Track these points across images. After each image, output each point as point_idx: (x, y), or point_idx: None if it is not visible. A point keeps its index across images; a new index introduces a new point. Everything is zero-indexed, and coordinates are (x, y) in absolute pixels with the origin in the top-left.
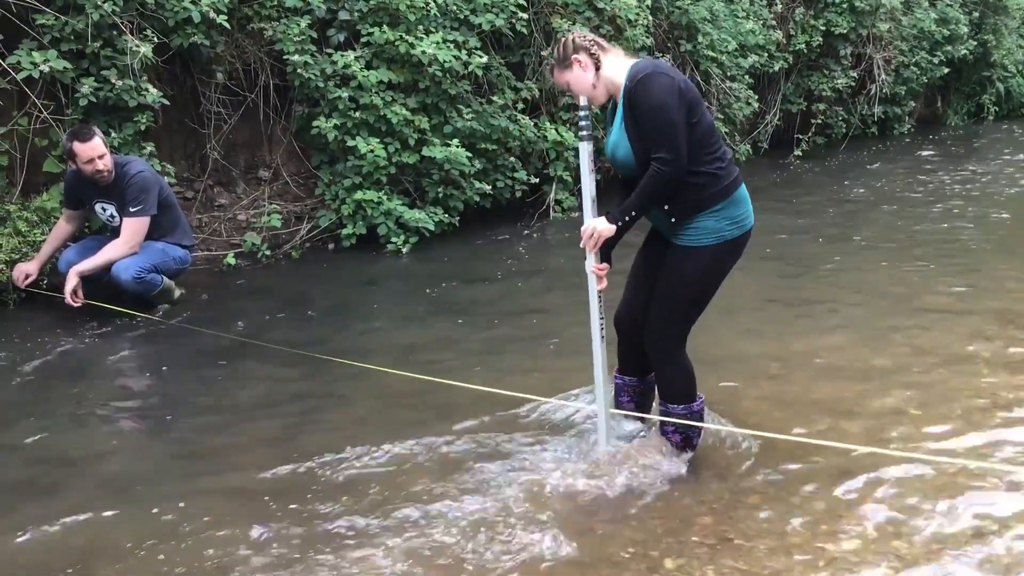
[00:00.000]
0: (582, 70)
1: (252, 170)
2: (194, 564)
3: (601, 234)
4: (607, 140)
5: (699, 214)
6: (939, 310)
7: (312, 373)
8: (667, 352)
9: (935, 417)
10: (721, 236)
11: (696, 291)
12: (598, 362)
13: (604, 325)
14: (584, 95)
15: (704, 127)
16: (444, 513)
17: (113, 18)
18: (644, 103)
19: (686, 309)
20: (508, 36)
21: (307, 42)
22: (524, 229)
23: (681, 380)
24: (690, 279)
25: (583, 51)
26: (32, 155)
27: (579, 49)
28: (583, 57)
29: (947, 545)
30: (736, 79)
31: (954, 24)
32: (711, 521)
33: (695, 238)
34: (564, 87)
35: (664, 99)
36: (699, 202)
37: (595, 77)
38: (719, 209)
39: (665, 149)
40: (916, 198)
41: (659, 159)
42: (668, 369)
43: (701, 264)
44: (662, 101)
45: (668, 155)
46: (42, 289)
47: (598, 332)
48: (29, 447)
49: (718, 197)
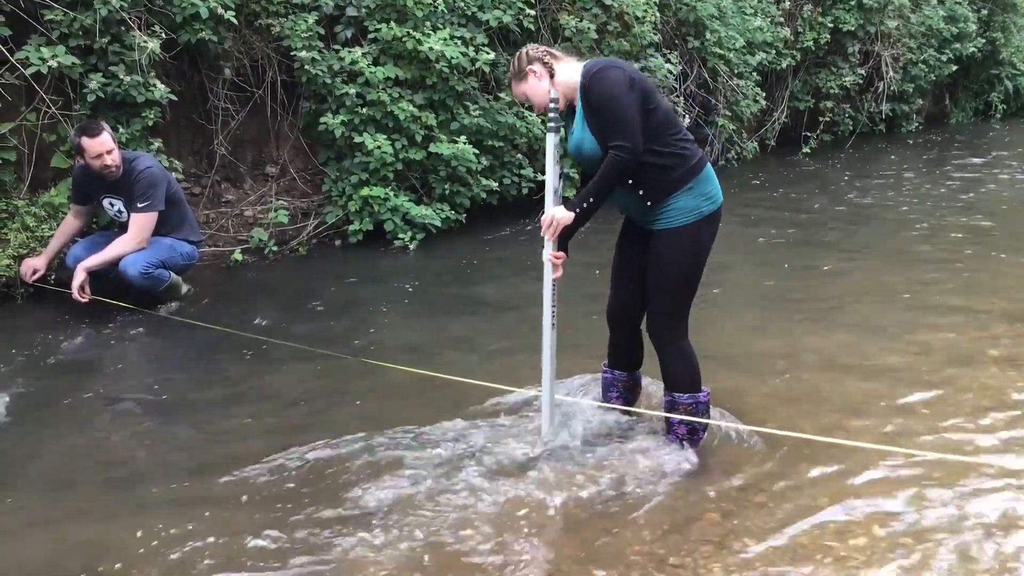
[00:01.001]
0: (537, 79)
1: (259, 166)
2: (198, 559)
3: (560, 222)
4: (571, 139)
5: (672, 195)
6: (948, 309)
7: (318, 369)
8: (671, 341)
9: (944, 415)
10: (699, 212)
11: (685, 272)
12: (546, 349)
13: (555, 313)
14: (542, 104)
15: (661, 113)
16: (448, 510)
17: (121, 14)
18: (598, 95)
19: (680, 292)
20: (515, 32)
21: (314, 38)
22: (530, 226)
23: (686, 368)
24: (677, 261)
25: (537, 61)
26: (40, 150)
27: (533, 60)
28: (537, 67)
29: (956, 543)
30: (743, 76)
31: (963, 22)
32: (718, 518)
33: (673, 219)
34: (523, 98)
35: (616, 89)
36: (671, 183)
37: (550, 84)
38: (691, 187)
39: (621, 136)
40: (924, 195)
41: (616, 146)
42: (673, 358)
43: (683, 244)
44: (614, 91)
45: (624, 142)
46: (50, 284)
47: (549, 320)
48: (36, 442)
49: (689, 175)
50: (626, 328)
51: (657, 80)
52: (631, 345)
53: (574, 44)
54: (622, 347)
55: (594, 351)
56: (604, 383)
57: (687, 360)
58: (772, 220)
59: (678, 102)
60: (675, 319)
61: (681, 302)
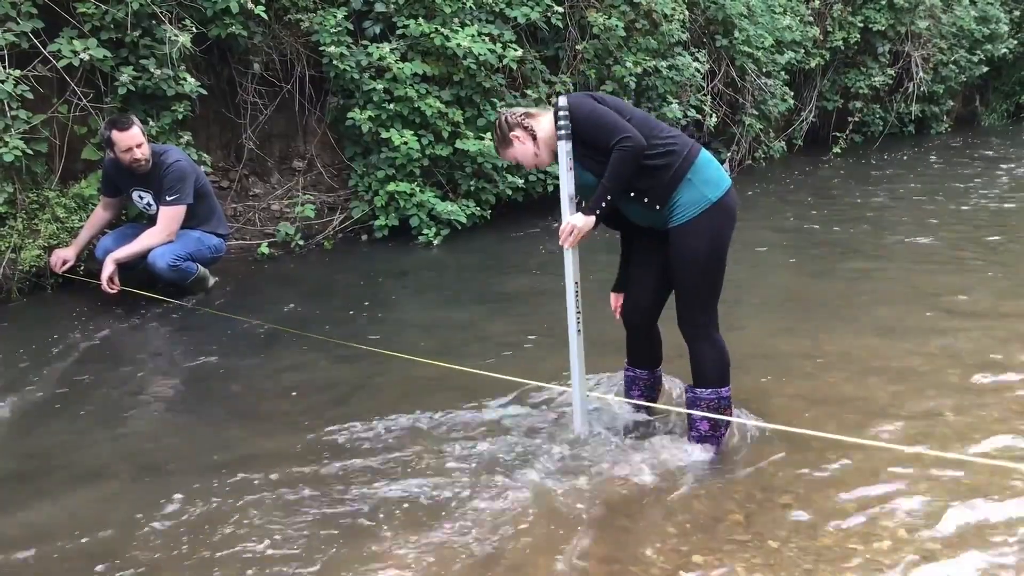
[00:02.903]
0: (522, 143)
1: (286, 160)
2: (226, 550)
3: (581, 229)
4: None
5: (675, 191)
6: (975, 313)
7: (342, 361)
8: (702, 335)
9: (970, 419)
10: (707, 200)
11: (704, 263)
12: (573, 351)
13: (580, 316)
14: (531, 164)
15: (638, 119)
16: (469, 506)
17: (152, 7)
18: (576, 120)
19: (703, 284)
20: (543, 30)
21: (343, 34)
22: (555, 223)
23: (716, 361)
24: (694, 253)
25: (517, 127)
26: (71, 142)
27: (513, 127)
28: (519, 132)
29: (981, 548)
30: (772, 75)
31: (995, 23)
32: (741, 519)
33: (683, 214)
34: (514, 162)
35: (588, 106)
36: (670, 180)
37: (535, 145)
38: (690, 178)
39: (616, 134)
40: (953, 197)
41: (617, 143)
42: (704, 351)
43: (697, 236)
44: (588, 108)
45: (623, 135)
46: (79, 275)
47: (574, 323)
48: (65, 432)
49: (684, 168)
50: (643, 328)
51: (684, 78)
52: (650, 344)
53: (602, 42)
54: (641, 346)
55: (619, 348)
56: (626, 381)
57: (719, 353)
58: (798, 220)
59: (705, 100)
60: (703, 312)
61: (707, 294)
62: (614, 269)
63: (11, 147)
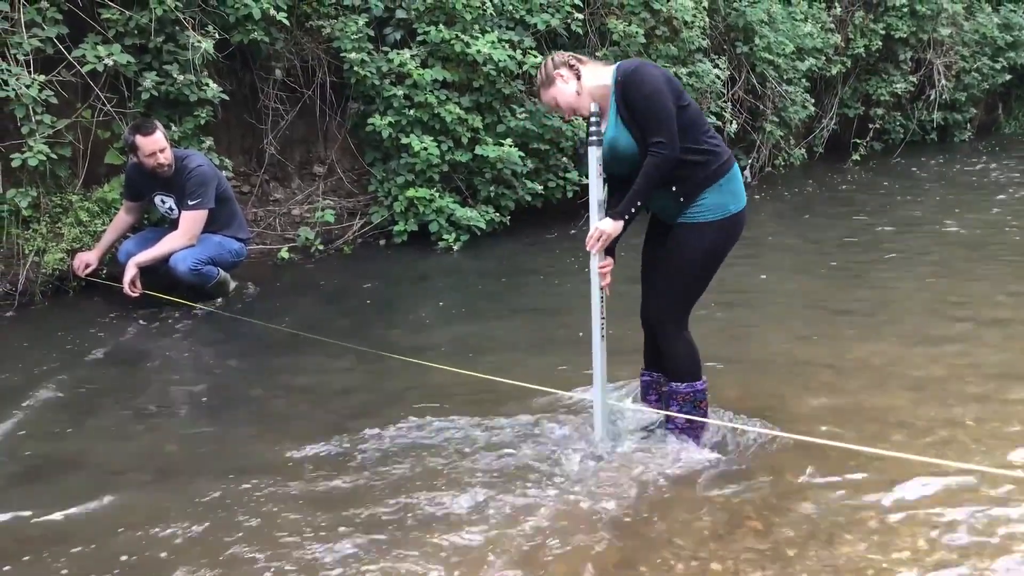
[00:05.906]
0: (564, 83)
1: (307, 166)
2: (247, 554)
3: (610, 235)
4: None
5: (705, 190)
6: (996, 322)
7: (362, 366)
8: (672, 329)
9: (991, 429)
10: (726, 210)
11: (698, 267)
12: (597, 357)
13: (605, 324)
14: (569, 107)
15: (693, 109)
16: (488, 509)
17: (176, 14)
18: (638, 92)
19: (687, 286)
20: (563, 36)
21: (364, 40)
22: (574, 229)
23: (686, 357)
24: (694, 254)
25: (563, 66)
26: (95, 147)
27: (559, 65)
28: (564, 71)
29: (1003, 561)
30: (792, 82)
31: (1017, 30)
32: (760, 527)
33: (701, 214)
34: (552, 104)
35: (656, 86)
36: (704, 179)
37: (578, 86)
38: (721, 184)
39: (661, 134)
40: (974, 206)
41: (656, 143)
42: (678, 347)
43: (705, 238)
44: (654, 88)
45: (664, 139)
46: (101, 278)
47: (598, 329)
48: (85, 434)
49: (720, 172)
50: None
51: (704, 85)
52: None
53: (622, 48)
54: (658, 349)
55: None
56: (643, 386)
57: (690, 348)
58: (819, 227)
59: (725, 107)
60: (684, 312)
61: (692, 294)
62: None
63: (36, 151)
